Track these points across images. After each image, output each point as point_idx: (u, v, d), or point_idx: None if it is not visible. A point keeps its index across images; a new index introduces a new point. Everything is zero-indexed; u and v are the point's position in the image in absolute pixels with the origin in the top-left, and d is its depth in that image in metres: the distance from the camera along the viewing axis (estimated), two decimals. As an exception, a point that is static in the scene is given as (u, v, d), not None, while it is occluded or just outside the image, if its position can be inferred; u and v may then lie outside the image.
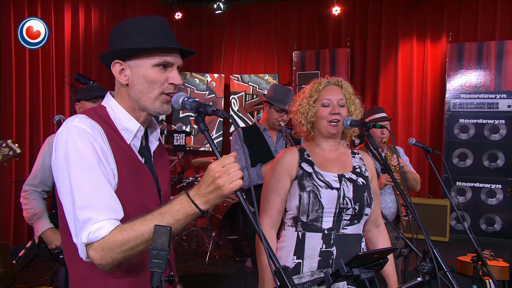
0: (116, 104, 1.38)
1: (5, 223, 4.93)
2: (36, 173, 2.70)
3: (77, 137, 1.23)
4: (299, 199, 1.84)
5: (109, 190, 1.23)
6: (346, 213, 1.84)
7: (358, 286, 1.35)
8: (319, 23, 7.55)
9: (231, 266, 4.55)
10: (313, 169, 1.90)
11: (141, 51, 1.32)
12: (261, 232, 1.11)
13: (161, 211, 1.19)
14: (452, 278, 1.50)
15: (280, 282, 1.08)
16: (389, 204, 3.13)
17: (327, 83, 1.97)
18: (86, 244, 1.19)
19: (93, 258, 1.19)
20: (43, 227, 2.63)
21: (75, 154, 1.22)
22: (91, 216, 1.18)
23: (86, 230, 1.18)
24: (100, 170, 1.23)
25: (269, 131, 3.23)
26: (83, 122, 1.27)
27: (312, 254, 1.83)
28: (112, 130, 1.33)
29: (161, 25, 1.36)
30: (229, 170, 1.15)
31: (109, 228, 1.18)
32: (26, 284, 4.02)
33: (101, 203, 1.20)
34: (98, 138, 1.26)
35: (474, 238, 2.39)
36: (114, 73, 1.36)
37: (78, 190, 1.20)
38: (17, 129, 5.19)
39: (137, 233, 1.17)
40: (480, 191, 6.00)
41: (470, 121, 6.09)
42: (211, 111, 1.23)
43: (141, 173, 1.37)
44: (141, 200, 1.35)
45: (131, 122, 1.37)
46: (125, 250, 1.18)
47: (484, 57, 6.11)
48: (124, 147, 1.34)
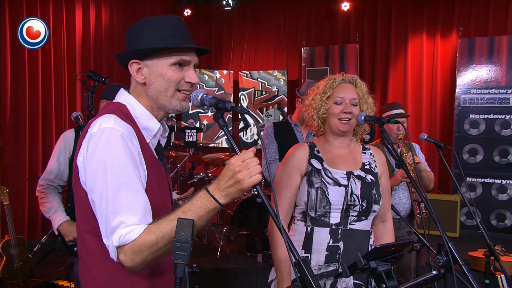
0: (136, 102, 1.40)
1: (20, 218, 5.00)
2: (52, 168, 2.74)
3: (114, 142, 1.25)
4: (307, 195, 1.87)
5: (143, 195, 1.26)
6: (354, 209, 1.86)
7: (375, 279, 1.37)
8: (328, 19, 7.53)
9: (242, 261, 4.59)
10: (322, 165, 1.91)
11: (158, 51, 1.34)
12: (281, 226, 1.12)
13: (183, 210, 1.21)
14: (468, 272, 1.51)
15: (300, 273, 1.10)
16: (403, 200, 3.13)
17: (341, 80, 1.97)
18: (117, 247, 1.21)
19: (124, 261, 1.22)
20: (60, 220, 2.68)
21: (113, 159, 1.23)
22: (123, 220, 1.20)
23: (117, 233, 1.20)
24: (135, 175, 1.25)
25: (300, 126, 3.27)
26: (118, 124, 1.28)
27: (320, 248, 1.85)
28: (136, 129, 1.34)
29: (177, 24, 1.38)
30: (248, 164, 1.18)
31: (139, 231, 1.21)
32: (42, 278, 4.08)
33: (135, 209, 1.22)
34: (134, 141, 1.29)
35: (486, 232, 2.39)
36: (132, 72, 1.39)
37: (113, 195, 1.22)
38: (30, 126, 5.26)
39: (163, 233, 1.19)
40: (491, 186, 5.97)
41: (481, 116, 6.05)
42: (230, 107, 1.25)
43: (160, 172, 1.40)
44: (161, 198, 1.38)
45: (152, 122, 1.39)
46: (154, 252, 1.20)
47: (495, 52, 6.06)
48: (147, 147, 1.37)
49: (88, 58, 6.04)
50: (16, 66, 5.11)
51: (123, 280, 1.31)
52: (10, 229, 3.79)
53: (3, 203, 3.80)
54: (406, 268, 3.18)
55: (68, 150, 2.75)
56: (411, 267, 3.21)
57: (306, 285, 1.08)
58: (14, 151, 5.11)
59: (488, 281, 2.64)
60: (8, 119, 5.04)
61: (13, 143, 5.12)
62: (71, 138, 2.78)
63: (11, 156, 5.07)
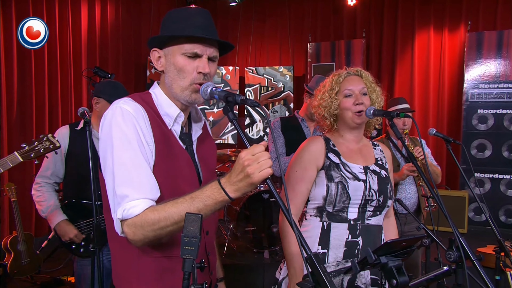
0: (160, 91, 1.45)
1: (28, 215, 5.02)
2: (48, 165, 2.73)
3: (120, 118, 1.30)
4: (327, 190, 1.82)
5: (147, 170, 1.29)
6: (371, 204, 1.84)
7: (385, 274, 1.36)
8: (334, 14, 7.48)
9: (249, 257, 4.58)
10: (340, 160, 1.88)
11: (172, 39, 1.37)
12: (292, 221, 1.11)
13: (192, 196, 1.22)
14: (480, 267, 1.49)
15: (311, 269, 1.08)
16: (409, 194, 3.11)
17: (346, 74, 1.96)
18: (121, 220, 1.26)
19: (126, 233, 1.26)
20: (57, 219, 2.67)
21: (118, 134, 1.28)
22: (128, 193, 1.24)
23: (122, 207, 1.24)
24: (139, 151, 1.28)
25: (307, 121, 3.25)
26: (127, 104, 1.33)
27: (338, 244, 1.82)
28: (155, 114, 1.39)
29: (199, 16, 1.39)
30: (258, 158, 1.17)
31: (143, 207, 1.24)
32: (50, 274, 4.10)
33: (139, 182, 1.26)
34: (140, 119, 1.32)
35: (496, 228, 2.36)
36: (152, 59, 1.44)
37: (118, 168, 1.26)
38: (37, 122, 5.27)
39: (167, 214, 1.21)
40: (499, 182, 5.92)
41: (489, 111, 5.99)
42: (240, 100, 1.23)
43: (180, 158, 1.41)
44: (176, 182, 1.37)
45: (172, 108, 1.43)
46: (156, 229, 1.23)
47: (504, 46, 5.99)
48: (165, 131, 1.39)
49: (94, 55, 6.04)
50: (22, 63, 5.11)
51: (131, 257, 1.37)
52: (18, 225, 3.81)
53: (11, 199, 3.81)
54: (414, 264, 3.16)
55: (63, 147, 2.73)
56: (419, 263, 3.19)
57: (318, 280, 1.06)
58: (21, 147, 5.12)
59: (499, 277, 2.62)
60: (15, 116, 5.06)
61: (20, 139, 5.13)
62: (66, 134, 2.76)
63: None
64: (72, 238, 2.66)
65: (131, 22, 6.78)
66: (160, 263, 1.37)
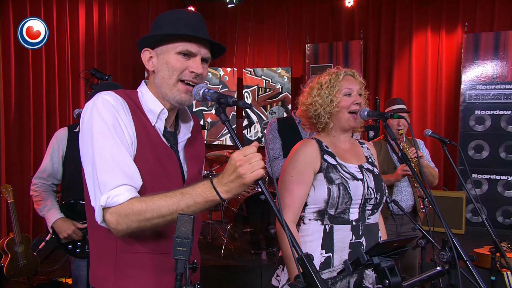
0: (147, 90, 1.45)
1: (25, 216, 5.02)
2: (45, 167, 2.73)
3: (101, 107, 1.29)
4: (328, 192, 1.78)
5: (128, 158, 1.28)
6: (370, 203, 1.84)
7: (378, 275, 1.36)
8: (332, 15, 7.50)
9: (246, 258, 4.58)
10: (336, 161, 1.86)
11: (165, 38, 1.38)
12: (283, 221, 1.10)
13: (182, 191, 1.22)
14: (473, 268, 1.50)
15: (303, 269, 1.09)
16: (405, 196, 3.11)
17: (345, 73, 1.95)
18: (104, 207, 1.23)
19: (108, 221, 1.24)
20: (54, 217, 2.67)
21: (98, 122, 1.27)
22: (111, 180, 1.23)
23: (106, 194, 1.22)
24: (119, 139, 1.28)
25: None
26: (109, 95, 1.33)
27: (342, 246, 1.79)
28: (139, 110, 1.39)
29: (192, 17, 1.40)
30: (250, 159, 1.17)
31: (128, 195, 1.23)
32: (47, 276, 4.10)
33: (120, 169, 1.25)
34: (120, 110, 1.32)
35: (492, 229, 2.37)
36: (143, 60, 1.43)
37: (99, 156, 1.25)
38: (35, 124, 5.27)
39: (155, 205, 1.20)
40: (497, 183, 5.93)
41: (486, 112, 6.00)
42: (232, 102, 1.24)
43: (162, 153, 1.39)
44: (157, 177, 1.36)
45: (155, 104, 1.42)
46: (141, 220, 1.21)
47: (501, 47, 6.01)
48: (147, 125, 1.39)
49: (91, 56, 6.05)
50: (20, 65, 5.12)
51: (109, 251, 1.36)
52: (14, 226, 3.81)
53: (8, 201, 3.81)
54: (411, 265, 3.16)
55: (61, 149, 2.74)
56: (416, 264, 3.19)
57: (309, 281, 1.06)
58: (18, 149, 5.13)
59: (494, 278, 2.62)
60: (12, 118, 5.06)
61: (18, 141, 5.14)
62: (64, 136, 2.76)
63: (15, 154, 5.09)
64: (70, 234, 2.65)
65: (129, 24, 6.79)
66: (140, 259, 1.35)
